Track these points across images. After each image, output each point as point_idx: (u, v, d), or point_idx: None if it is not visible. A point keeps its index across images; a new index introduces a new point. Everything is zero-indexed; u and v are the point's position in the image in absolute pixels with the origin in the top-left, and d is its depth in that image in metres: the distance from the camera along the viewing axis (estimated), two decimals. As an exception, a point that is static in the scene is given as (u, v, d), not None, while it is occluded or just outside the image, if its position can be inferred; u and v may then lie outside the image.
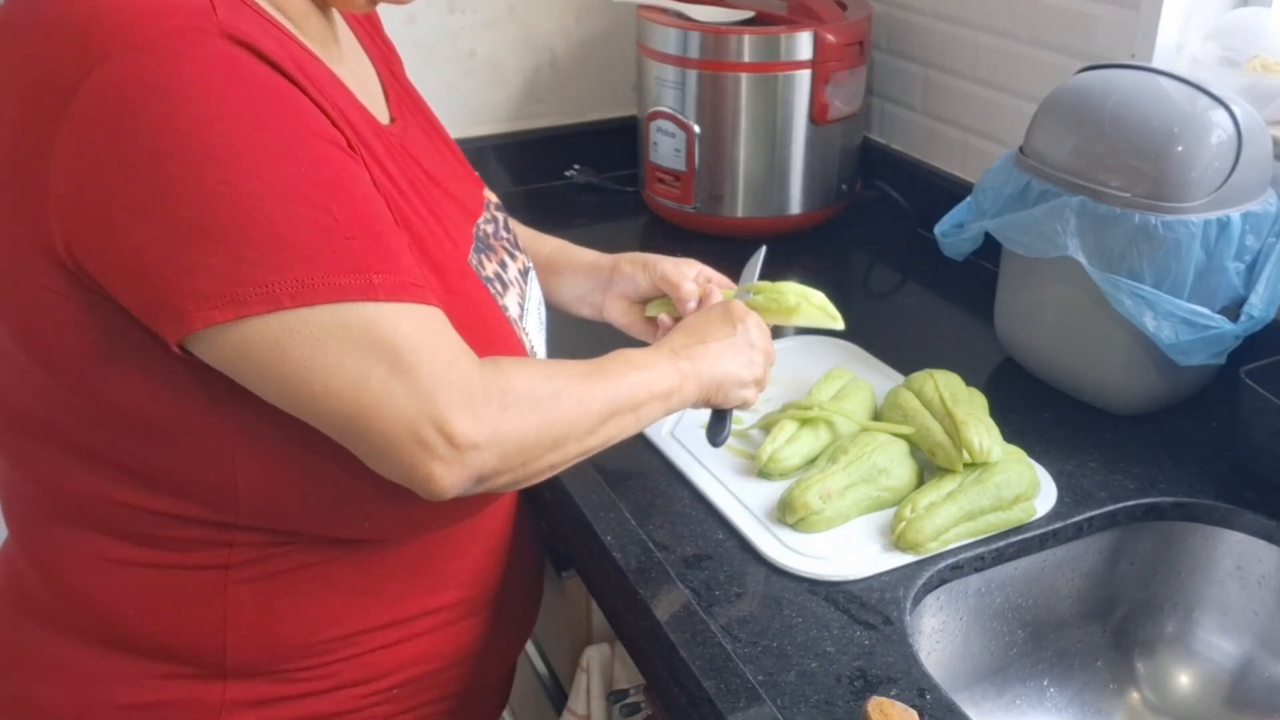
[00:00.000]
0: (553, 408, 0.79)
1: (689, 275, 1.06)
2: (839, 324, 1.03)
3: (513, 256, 0.98)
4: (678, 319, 1.04)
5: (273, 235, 0.67)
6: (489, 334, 0.86)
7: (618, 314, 1.10)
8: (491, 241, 0.96)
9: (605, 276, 1.09)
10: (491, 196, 1.03)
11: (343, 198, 0.71)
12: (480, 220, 0.96)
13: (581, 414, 0.81)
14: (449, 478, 0.73)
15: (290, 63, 0.72)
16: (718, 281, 1.07)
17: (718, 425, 1.01)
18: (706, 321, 0.97)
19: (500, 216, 1.01)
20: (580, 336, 1.11)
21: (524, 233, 1.13)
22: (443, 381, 0.72)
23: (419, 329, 0.72)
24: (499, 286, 0.91)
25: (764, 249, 1.13)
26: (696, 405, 0.95)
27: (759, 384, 0.98)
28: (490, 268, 0.92)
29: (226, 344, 0.69)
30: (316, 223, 0.69)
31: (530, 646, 1.35)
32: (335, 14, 0.88)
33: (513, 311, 0.92)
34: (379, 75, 0.94)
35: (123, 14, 0.67)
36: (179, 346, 0.70)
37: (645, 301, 1.08)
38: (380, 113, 0.89)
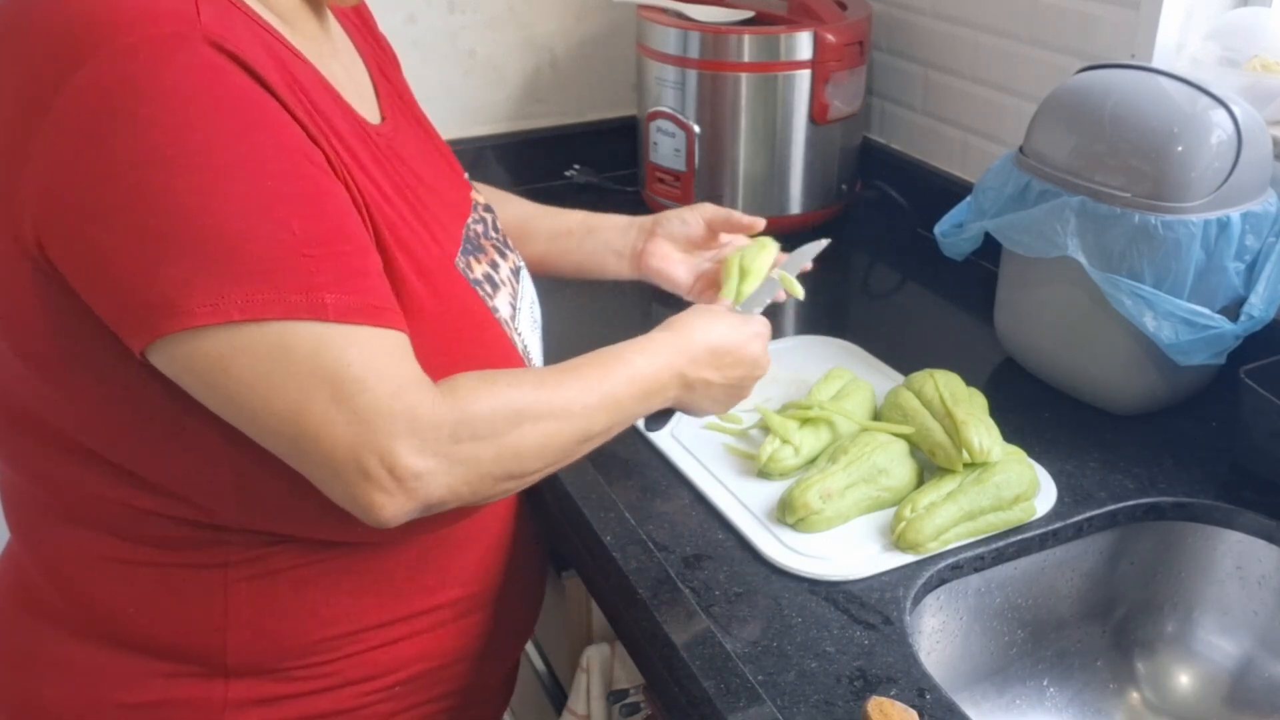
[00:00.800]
0: (513, 442, 0.77)
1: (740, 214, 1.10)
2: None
3: (503, 256, 0.98)
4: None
5: (229, 248, 0.67)
6: (479, 337, 0.86)
7: (659, 260, 1.09)
8: (481, 241, 0.95)
9: (648, 227, 1.10)
10: (479, 197, 1.02)
11: (307, 213, 0.70)
12: (470, 221, 0.95)
13: (546, 445, 0.80)
14: (390, 508, 0.72)
15: (274, 71, 0.72)
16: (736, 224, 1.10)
17: (663, 417, 0.99)
18: (738, 353, 0.95)
19: (489, 217, 1.01)
20: (578, 336, 1.11)
21: (547, 209, 1.15)
22: (385, 411, 0.70)
23: (368, 354, 0.70)
24: (489, 288, 0.91)
25: (827, 242, 1.12)
26: None
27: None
28: (480, 269, 0.91)
29: (177, 355, 0.69)
30: (274, 238, 0.68)
31: (530, 646, 1.35)
32: (326, 11, 0.87)
33: (504, 312, 0.91)
34: (370, 74, 0.94)
35: (106, 18, 0.67)
36: (142, 355, 0.70)
37: (692, 248, 1.10)
38: (370, 112, 0.89)
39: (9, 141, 0.69)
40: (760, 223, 1.09)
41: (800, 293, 1.06)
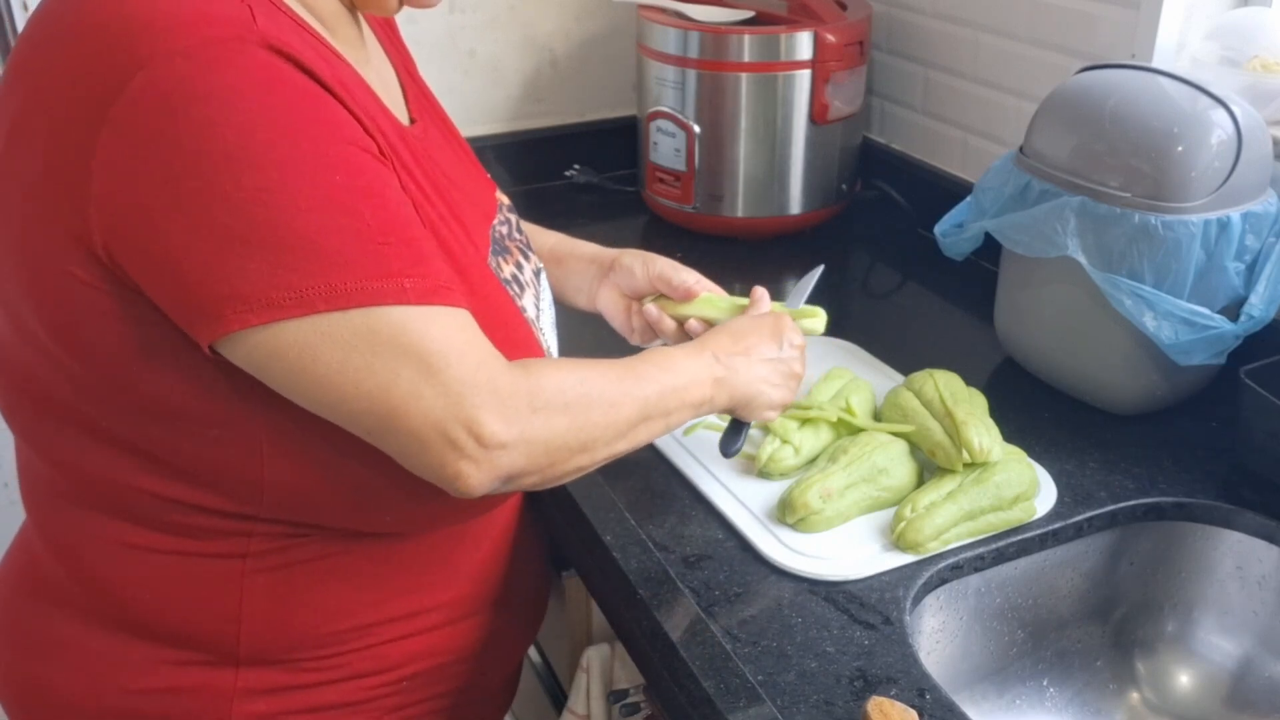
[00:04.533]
0: (582, 411, 0.79)
1: (685, 274, 1.05)
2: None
3: (526, 257, 0.99)
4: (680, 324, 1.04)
5: (308, 241, 0.68)
6: (510, 335, 0.86)
7: (607, 303, 1.09)
8: (507, 243, 0.97)
9: (605, 267, 1.09)
10: (503, 198, 1.03)
11: (376, 204, 0.72)
12: (495, 222, 0.97)
13: (611, 419, 0.82)
14: (477, 476, 0.74)
15: (326, 70, 0.73)
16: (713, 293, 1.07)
17: (733, 436, 1.00)
18: (756, 331, 0.96)
19: (513, 218, 1.02)
20: (588, 335, 1.11)
21: (526, 228, 1.14)
22: (470, 383, 0.73)
23: (448, 331, 0.73)
24: (516, 288, 0.92)
25: (821, 268, 1.11)
26: (721, 413, 0.95)
27: (784, 407, 0.98)
28: (508, 269, 0.93)
29: (259, 346, 0.70)
30: (350, 229, 0.70)
31: (530, 646, 1.35)
32: (361, 17, 0.89)
33: (530, 313, 0.93)
34: (398, 76, 0.95)
35: (165, 21, 0.68)
36: (209, 348, 0.71)
37: (638, 298, 1.08)
38: (401, 114, 0.90)
39: (68, 144, 0.70)
40: (698, 287, 1.04)
41: (819, 329, 1.04)
